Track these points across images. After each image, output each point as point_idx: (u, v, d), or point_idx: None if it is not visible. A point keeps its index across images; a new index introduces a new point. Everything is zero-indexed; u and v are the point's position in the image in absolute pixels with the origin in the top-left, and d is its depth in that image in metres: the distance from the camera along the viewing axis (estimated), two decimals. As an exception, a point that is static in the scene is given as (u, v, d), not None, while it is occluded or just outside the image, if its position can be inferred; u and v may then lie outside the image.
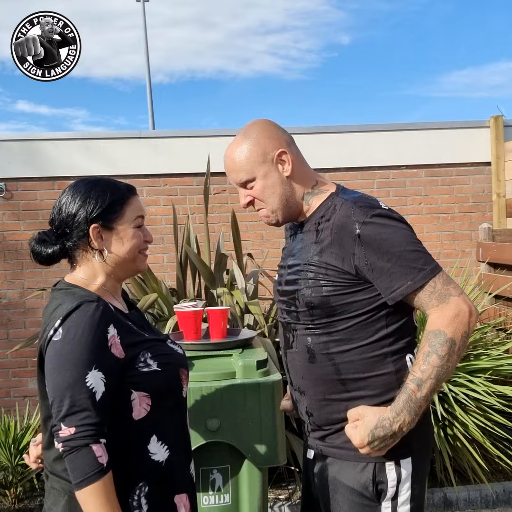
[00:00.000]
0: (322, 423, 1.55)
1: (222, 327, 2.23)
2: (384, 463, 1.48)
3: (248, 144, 1.56)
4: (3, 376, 4.18)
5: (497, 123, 4.44)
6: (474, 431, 3.19)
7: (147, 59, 20.54)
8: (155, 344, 1.44)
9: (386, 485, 1.48)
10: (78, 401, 1.26)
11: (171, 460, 1.40)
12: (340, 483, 1.52)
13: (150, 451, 1.37)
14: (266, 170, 1.56)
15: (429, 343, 1.39)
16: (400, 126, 4.53)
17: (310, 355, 1.53)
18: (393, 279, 1.42)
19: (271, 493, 3.36)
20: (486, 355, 3.49)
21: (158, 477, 1.38)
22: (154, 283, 3.36)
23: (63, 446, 1.26)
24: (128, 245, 1.44)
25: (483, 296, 4.02)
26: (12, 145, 4.21)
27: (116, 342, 1.34)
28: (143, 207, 1.50)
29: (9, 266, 4.21)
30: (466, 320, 1.39)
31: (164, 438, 1.40)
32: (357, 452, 1.45)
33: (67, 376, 1.26)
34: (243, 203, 1.62)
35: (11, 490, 3.44)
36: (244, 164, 1.56)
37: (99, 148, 4.29)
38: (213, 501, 1.97)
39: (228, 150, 1.60)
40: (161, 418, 1.39)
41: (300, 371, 1.58)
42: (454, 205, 4.52)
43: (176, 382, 1.45)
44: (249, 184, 1.58)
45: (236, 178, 1.59)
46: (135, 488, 1.35)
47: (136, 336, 1.41)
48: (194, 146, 4.31)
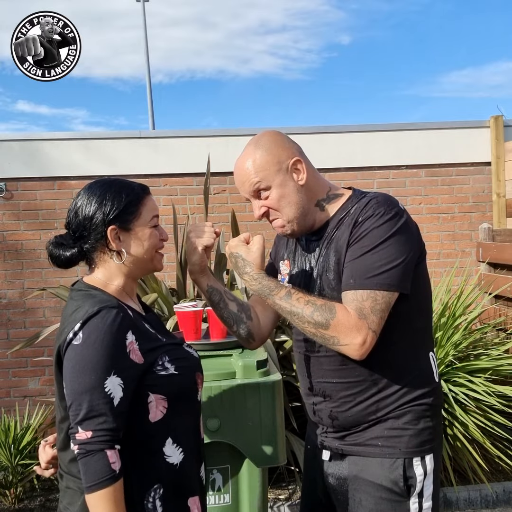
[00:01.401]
0: (350, 424, 1.54)
1: (222, 327, 2.23)
2: (412, 459, 1.50)
3: (261, 153, 1.53)
4: (3, 376, 4.18)
5: (497, 123, 4.44)
6: (474, 431, 3.19)
7: (147, 59, 20.57)
8: (172, 348, 1.45)
9: (415, 480, 1.50)
10: (96, 406, 1.26)
11: (185, 463, 1.41)
12: (364, 481, 1.52)
13: (165, 453, 1.38)
14: (282, 179, 1.53)
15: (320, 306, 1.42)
16: (400, 126, 4.53)
17: (342, 357, 1.49)
18: (353, 270, 1.44)
19: (271, 493, 3.36)
20: (486, 355, 3.49)
21: (172, 480, 1.39)
22: (154, 283, 3.36)
23: (79, 449, 1.27)
24: (146, 245, 1.46)
25: (483, 296, 4.02)
26: (12, 145, 4.21)
27: (135, 348, 1.34)
28: (157, 206, 1.51)
29: (9, 266, 4.21)
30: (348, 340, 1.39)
31: (179, 440, 1.41)
32: (384, 448, 1.49)
33: (86, 380, 1.27)
34: (258, 215, 1.57)
35: (11, 490, 3.45)
36: (258, 172, 1.53)
37: (99, 148, 4.29)
38: (213, 501, 1.98)
39: (239, 162, 1.57)
40: (176, 420, 1.40)
41: (328, 375, 1.56)
42: (454, 205, 4.52)
43: (192, 385, 1.46)
44: (264, 194, 1.55)
45: (249, 188, 1.55)
46: (150, 490, 1.36)
47: (154, 341, 1.41)
48: (194, 146, 4.31)
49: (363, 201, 1.52)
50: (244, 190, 1.57)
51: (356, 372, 1.51)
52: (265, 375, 1.98)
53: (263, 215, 1.57)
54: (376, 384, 1.51)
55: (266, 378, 1.97)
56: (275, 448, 1.95)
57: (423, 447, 1.51)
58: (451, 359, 3.34)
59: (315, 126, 4.49)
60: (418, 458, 1.50)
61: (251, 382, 1.95)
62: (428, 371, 1.55)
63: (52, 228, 4.16)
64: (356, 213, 1.50)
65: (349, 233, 1.48)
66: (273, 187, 1.54)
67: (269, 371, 2.01)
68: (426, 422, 1.52)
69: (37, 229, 4.21)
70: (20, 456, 3.40)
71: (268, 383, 1.96)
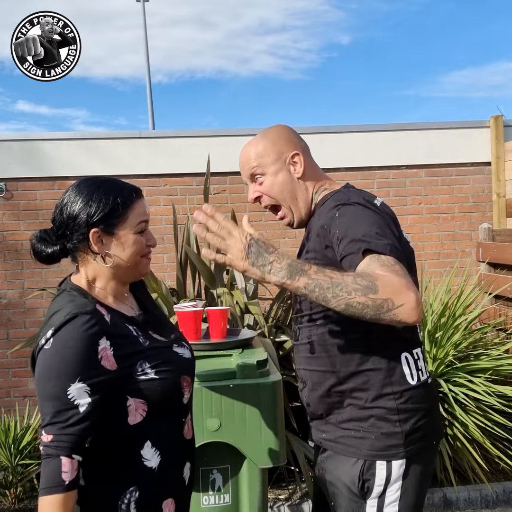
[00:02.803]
0: (318, 414, 1.60)
1: (222, 327, 2.23)
2: (374, 462, 1.48)
3: (265, 142, 1.63)
4: (3, 376, 4.18)
5: (497, 123, 4.45)
6: (474, 431, 3.19)
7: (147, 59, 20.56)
8: (155, 352, 1.40)
9: (373, 483, 1.48)
10: (58, 412, 1.26)
11: (164, 466, 1.39)
12: (335, 476, 1.55)
13: (143, 456, 1.36)
14: (278, 168, 1.61)
15: (356, 274, 1.28)
16: (400, 126, 4.53)
17: (310, 346, 1.58)
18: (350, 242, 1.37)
19: (271, 493, 3.36)
20: (486, 355, 3.49)
21: (149, 483, 1.37)
22: (154, 283, 3.35)
23: (42, 450, 1.27)
24: (128, 251, 1.41)
25: (483, 296, 4.02)
26: (12, 145, 4.21)
27: (108, 355, 1.31)
28: (147, 211, 1.46)
29: (9, 266, 4.21)
30: (403, 299, 1.24)
31: (159, 444, 1.38)
32: (350, 447, 1.50)
33: (50, 386, 1.27)
34: (251, 198, 1.66)
35: (11, 490, 3.44)
36: (257, 158, 1.62)
37: (99, 148, 4.29)
38: (213, 501, 1.98)
39: (244, 147, 1.66)
40: (157, 424, 1.38)
41: (302, 363, 1.63)
42: (454, 205, 4.52)
43: (175, 389, 1.42)
44: (259, 179, 1.63)
45: (247, 171, 1.64)
46: (126, 492, 1.35)
47: (134, 346, 1.38)
48: (194, 146, 4.31)
49: (338, 194, 1.55)
50: (243, 174, 1.67)
51: (319, 361, 1.55)
52: (265, 375, 1.98)
53: (255, 200, 1.66)
54: (338, 378, 1.52)
55: (266, 378, 1.97)
56: (275, 448, 1.95)
57: (389, 451, 1.47)
58: (451, 359, 3.35)
59: (315, 126, 4.49)
60: (383, 462, 1.47)
61: (251, 382, 1.95)
62: (397, 374, 1.49)
63: (52, 228, 4.16)
64: (331, 208, 1.49)
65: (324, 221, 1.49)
66: (268, 174, 1.62)
67: (269, 371, 2.01)
68: (394, 427, 1.47)
69: (37, 229, 4.14)
70: (20, 456, 3.40)
71: (268, 383, 1.96)
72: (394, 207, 1.56)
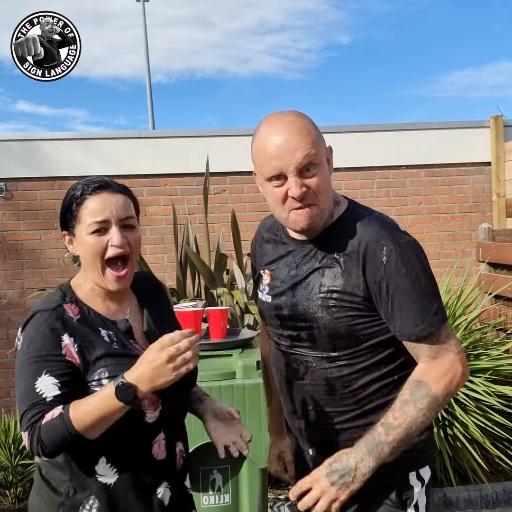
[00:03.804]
0: (333, 451, 1.37)
1: (222, 327, 2.23)
2: (407, 473, 1.45)
3: (314, 127, 1.33)
4: (3, 376, 4.18)
5: (497, 123, 4.45)
6: (474, 431, 3.19)
7: (147, 59, 20.57)
8: (121, 361, 1.29)
9: (413, 492, 1.46)
10: (30, 407, 1.25)
11: (122, 485, 1.32)
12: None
13: (97, 472, 1.31)
14: (324, 161, 1.35)
15: (411, 392, 1.32)
16: (400, 126, 4.53)
17: (329, 388, 1.42)
18: (410, 316, 1.32)
19: (271, 493, 3.36)
20: (486, 355, 3.49)
21: (107, 498, 1.32)
22: (154, 283, 3.35)
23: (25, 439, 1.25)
24: (86, 253, 1.33)
25: (483, 296, 4.02)
26: (12, 145, 4.21)
27: (72, 351, 1.28)
28: (108, 208, 1.31)
29: (9, 266, 4.21)
30: (455, 382, 1.34)
31: (115, 461, 1.32)
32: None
33: (21, 385, 1.28)
34: (299, 193, 1.29)
35: (11, 490, 3.44)
36: (316, 145, 1.30)
37: (99, 148, 4.29)
38: (213, 501, 1.98)
39: (284, 126, 1.29)
40: (114, 441, 1.29)
41: (312, 404, 1.46)
42: (454, 205, 4.52)
43: (133, 408, 1.25)
44: (312, 171, 1.30)
45: (301, 159, 1.28)
46: (89, 498, 1.31)
47: (97, 352, 1.30)
48: (194, 146, 4.31)
49: (374, 229, 1.36)
50: (290, 161, 1.28)
51: (343, 402, 1.44)
52: (265, 375, 1.98)
53: (302, 196, 1.30)
54: (365, 414, 1.43)
55: (266, 378, 1.97)
56: (275, 448, 1.94)
57: (417, 461, 1.46)
58: (451, 359, 3.34)
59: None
60: (414, 472, 1.46)
61: (251, 382, 1.95)
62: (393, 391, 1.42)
63: (52, 228, 4.15)
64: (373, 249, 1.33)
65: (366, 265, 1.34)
66: (321, 166, 1.32)
67: (269, 371, 2.01)
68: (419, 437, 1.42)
69: (37, 229, 4.21)
70: (20, 456, 3.40)
71: (268, 383, 1.95)
72: (394, 207, 1.56)
